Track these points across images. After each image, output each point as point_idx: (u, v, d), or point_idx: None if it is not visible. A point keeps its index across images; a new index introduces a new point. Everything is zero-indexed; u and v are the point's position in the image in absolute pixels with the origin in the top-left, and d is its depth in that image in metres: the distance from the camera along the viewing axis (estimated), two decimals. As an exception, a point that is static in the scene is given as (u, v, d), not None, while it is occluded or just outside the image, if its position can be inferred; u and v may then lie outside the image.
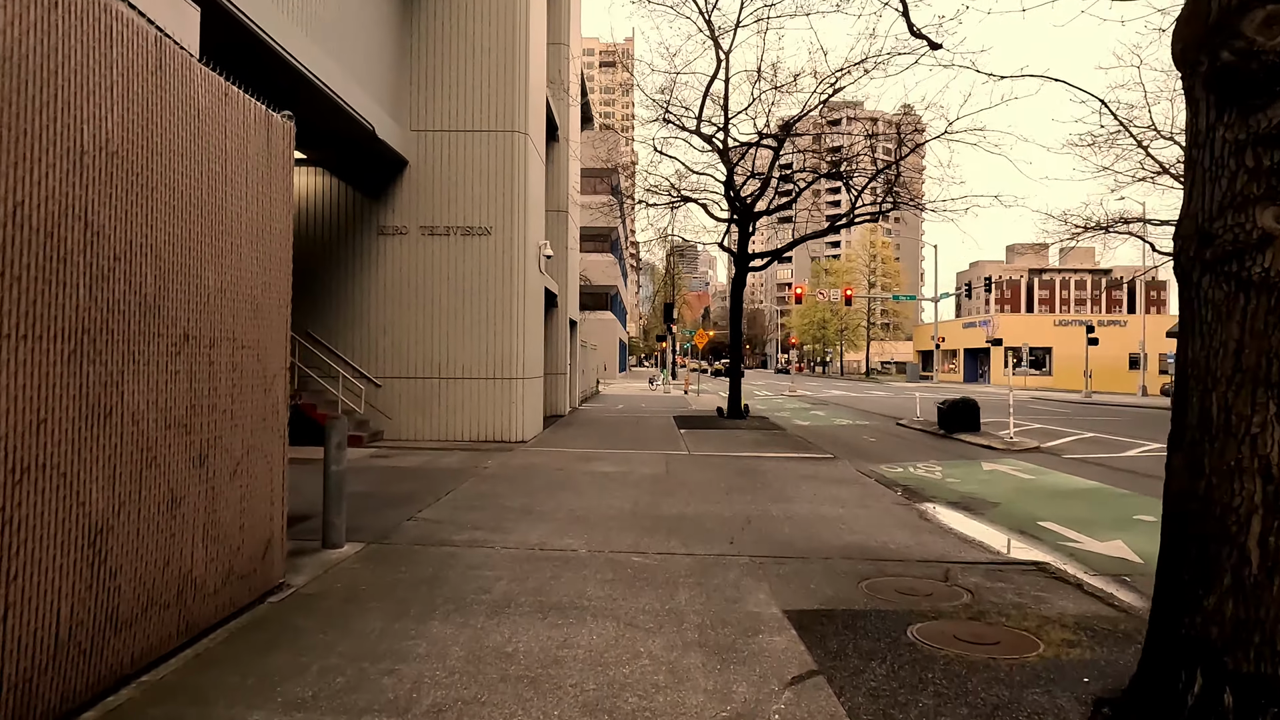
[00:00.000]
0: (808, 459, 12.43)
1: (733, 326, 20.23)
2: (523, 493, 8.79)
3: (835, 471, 11.22)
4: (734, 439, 15.04)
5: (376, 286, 13.97)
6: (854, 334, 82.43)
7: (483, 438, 13.83)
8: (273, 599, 4.75)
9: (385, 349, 13.94)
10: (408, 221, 13.96)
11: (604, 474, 10.31)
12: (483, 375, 13.86)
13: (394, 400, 13.89)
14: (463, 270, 13.89)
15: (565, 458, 11.93)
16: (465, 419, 13.85)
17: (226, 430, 4.22)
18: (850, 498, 9.08)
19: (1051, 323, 60.23)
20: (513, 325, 13.87)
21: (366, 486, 9.11)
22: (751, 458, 12.39)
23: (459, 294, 13.88)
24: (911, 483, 10.85)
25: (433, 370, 13.89)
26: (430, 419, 13.87)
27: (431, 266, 13.93)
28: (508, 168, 13.89)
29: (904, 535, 7.15)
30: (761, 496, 8.95)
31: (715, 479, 10.14)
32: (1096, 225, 29.95)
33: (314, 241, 14.06)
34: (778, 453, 13.03)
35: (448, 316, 13.88)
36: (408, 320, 13.91)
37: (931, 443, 15.84)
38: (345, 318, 13.97)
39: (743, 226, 19.45)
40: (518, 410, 13.88)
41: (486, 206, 13.90)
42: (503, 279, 13.87)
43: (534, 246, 14.80)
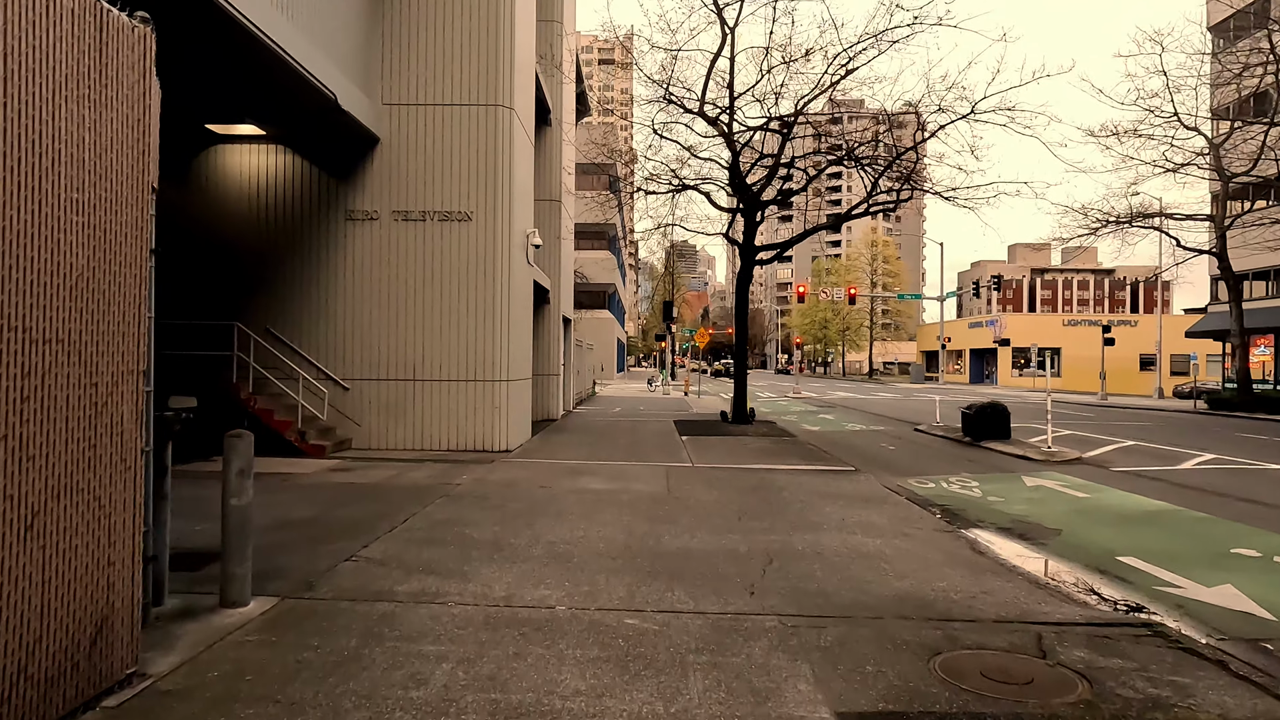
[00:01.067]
0: (826, 472, 11.02)
1: (738, 324, 18.81)
2: (496, 519, 7.37)
3: (860, 488, 9.81)
4: (741, 447, 13.63)
5: (344, 278, 12.55)
6: (856, 334, 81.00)
7: (462, 446, 12.41)
8: (108, 701, 3.32)
9: (354, 348, 12.52)
10: (379, 206, 12.54)
11: (595, 493, 8.89)
12: (462, 377, 12.45)
13: (363, 405, 12.47)
14: (440, 260, 12.47)
15: (552, 472, 10.51)
16: (442, 426, 12.43)
17: (8, 466, 2.80)
18: (885, 523, 7.68)
19: (1060, 322, 58.82)
20: (496, 321, 12.45)
21: (313, 509, 7.69)
22: (763, 471, 10.98)
23: (436, 286, 12.46)
24: (949, 502, 9.44)
25: (406, 371, 12.47)
26: (404, 426, 12.44)
27: (405, 256, 12.51)
28: (491, 146, 12.47)
29: (962, 577, 5.74)
30: (781, 523, 7.53)
31: (724, 499, 8.72)
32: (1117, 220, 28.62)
33: (273, 227, 12.63)
34: (791, 464, 11.63)
35: (424, 311, 12.46)
36: (379, 316, 12.49)
37: (958, 452, 14.43)
38: (309, 313, 12.55)
39: (749, 216, 18.03)
40: (501, 416, 12.46)
41: (467, 189, 12.48)
42: (485, 270, 12.45)
43: (520, 234, 13.39)
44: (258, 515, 7.33)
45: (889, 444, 15.82)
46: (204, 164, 12.65)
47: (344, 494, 8.61)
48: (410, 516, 7.37)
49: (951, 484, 10.85)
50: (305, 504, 7.95)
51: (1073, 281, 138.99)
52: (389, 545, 6.28)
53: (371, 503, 8.08)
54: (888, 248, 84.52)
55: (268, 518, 7.24)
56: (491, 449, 12.39)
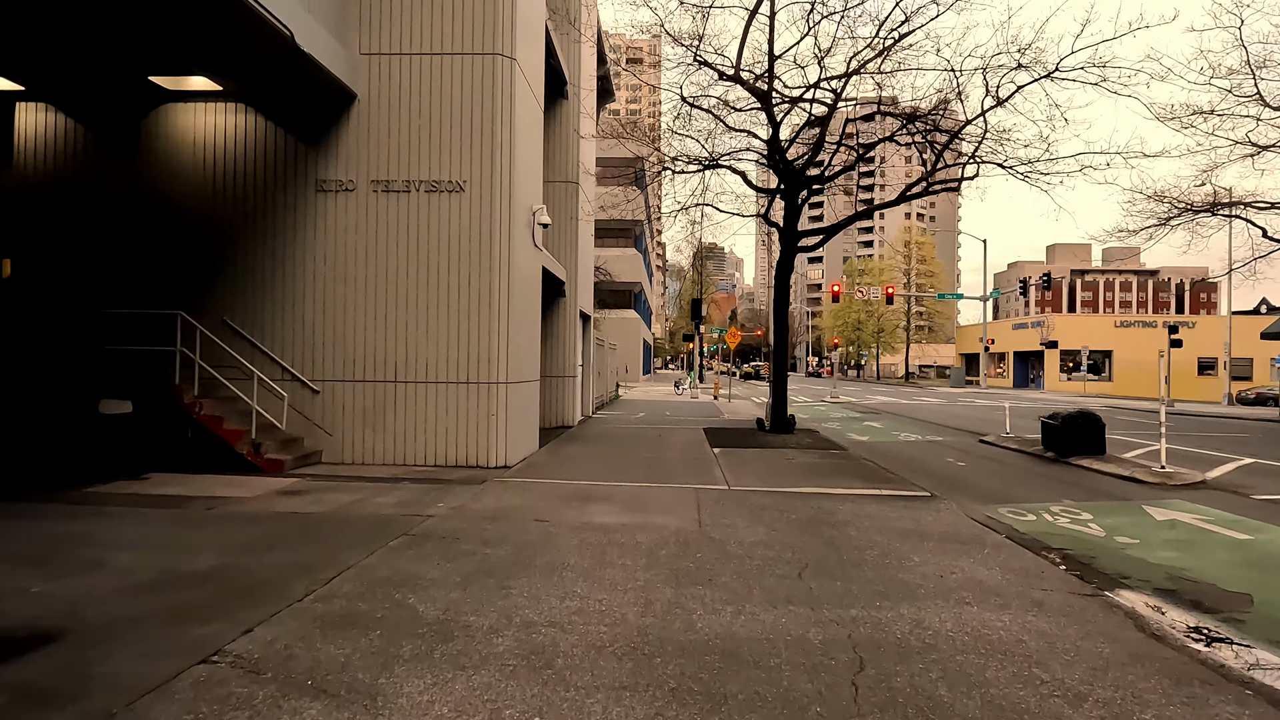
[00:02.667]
0: (896, 499, 8.83)
1: (776, 319, 16.62)
2: (461, 576, 5.31)
3: (944, 522, 7.62)
4: (785, 463, 11.46)
5: (314, 260, 10.62)
6: (890, 336, 78.00)
7: (451, 461, 10.41)
8: None
9: (325, 343, 10.58)
10: (356, 175, 10.59)
11: (604, 531, 6.81)
12: (453, 379, 10.45)
13: (336, 410, 10.52)
14: (428, 239, 10.50)
15: (555, 497, 8.45)
16: (429, 436, 10.44)
17: None
18: (999, 582, 5.52)
19: (1112, 324, 55.52)
20: (494, 312, 10.44)
21: (219, 556, 5.70)
22: (817, 496, 8.82)
23: (422, 270, 10.48)
24: (1067, 544, 7.20)
25: (387, 371, 10.51)
26: (384, 436, 10.48)
27: (386, 234, 10.55)
28: (488, 103, 10.46)
29: (1164, 694, 3.57)
30: (860, 583, 5.38)
31: (775, 540, 6.58)
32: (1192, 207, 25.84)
33: (232, 201, 10.75)
34: (850, 487, 9.45)
35: (407, 300, 10.49)
36: (355, 305, 10.55)
37: (1045, 471, 12.11)
38: (272, 301, 10.64)
39: (790, 196, 15.85)
40: (498, 425, 10.44)
41: (460, 155, 10.49)
42: (481, 250, 10.44)
43: (524, 210, 11.37)
44: (139, 565, 5.39)
45: (955, 459, 13.52)
46: (152, 127, 10.81)
47: (277, 530, 6.62)
48: (343, 571, 5.34)
49: (1056, 516, 8.59)
50: (216, 546, 5.97)
51: (1114, 283, 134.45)
52: (285, 628, 4.23)
53: (305, 546, 6.08)
54: (924, 246, 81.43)
55: (150, 569, 5.28)
56: (486, 464, 10.37)
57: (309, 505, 7.63)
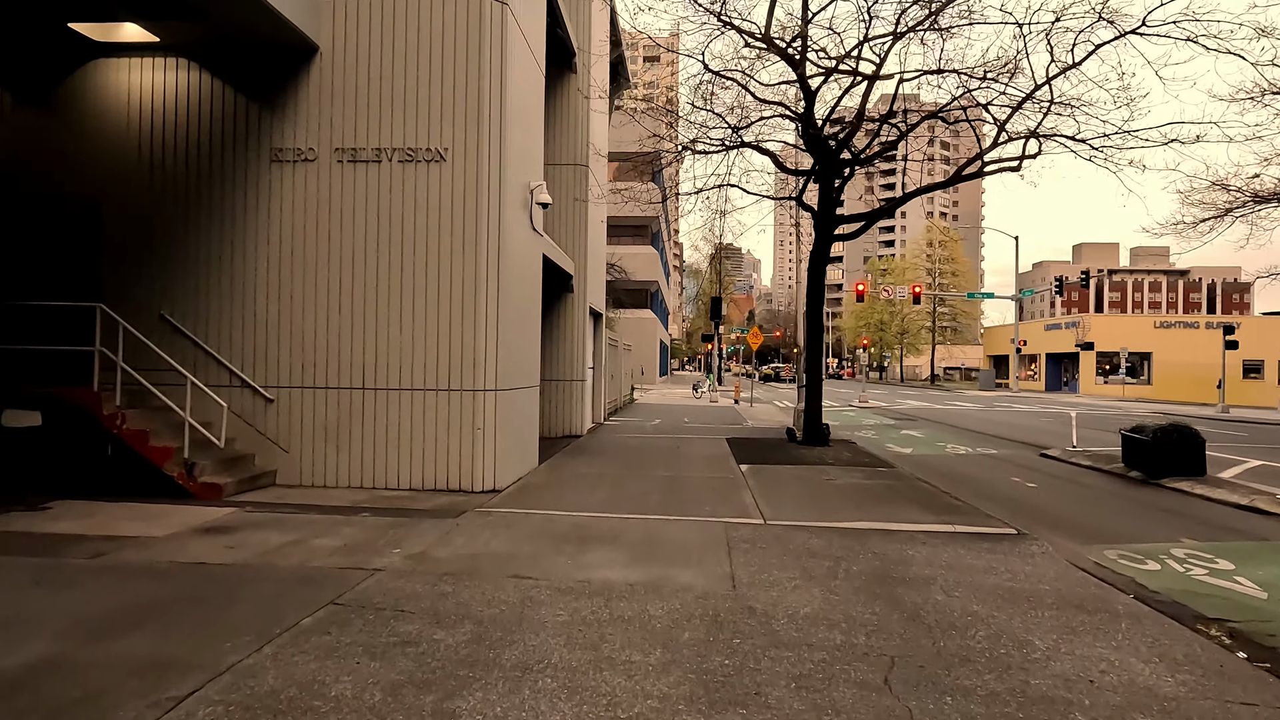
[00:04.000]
0: (974, 537, 7.01)
1: (809, 316, 14.79)
2: (379, 694, 3.56)
3: (1047, 574, 5.81)
4: (827, 486, 9.66)
5: (268, 244, 8.96)
6: (915, 337, 75.57)
7: (429, 484, 8.70)
8: None
9: (281, 343, 8.92)
10: (317, 142, 8.93)
11: (604, 595, 5.05)
12: (431, 385, 8.74)
13: (294, 423, 8.85)
14: (402, 218, 8.81)
15: (545, 535, 6.70)
16: (403, 454, 8.74)
17: None
18: (1180, 693, 3.74)
19: (1152, 324, 52.91)
20: (481, 306, 8.73)
21: (56, 641, 4.01)
22: (875, 534, 7.02)
23: (396, 255, 8.80)
24: (1223, 611, 5.35)
25: (354, 377, 8.82)
26: (349, 454, 8.79)
27: (353, 212, 8.87)
28: (474, 55, 8.76)
29: None
30: (982, 701, 3.59)
31: (839, 615, 4.80)
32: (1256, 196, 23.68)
33: (171, 174, 9.11)
34: (914, 520, 7.63)
35: (378, 291, 8.81)
36: (316, 297, 8.88)
37: (1136, 496, 10.21)
38: (219, 293, 8.99)
39: (826, 178, 14.03)
40: (486, 440, 8.72)
41: (440, 117, 8.79)
42: (465, 232, 8.74)
43: (519, 187, 9.65)
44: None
45: (1021, 478, 11.64)
46: (77, 86, 9.20)
47: (163, 593, 4.93)
48: (210, 681, 3.61)
49: (1186, 564, 6.73)
50: (63, 621, 4.28)
51: (1143, 283, 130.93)
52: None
53: (183, 623, 4.37)
54: (953, 245, 78.99)
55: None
56: (471, 488, 8.65)
57: (226, 551, 5.93)
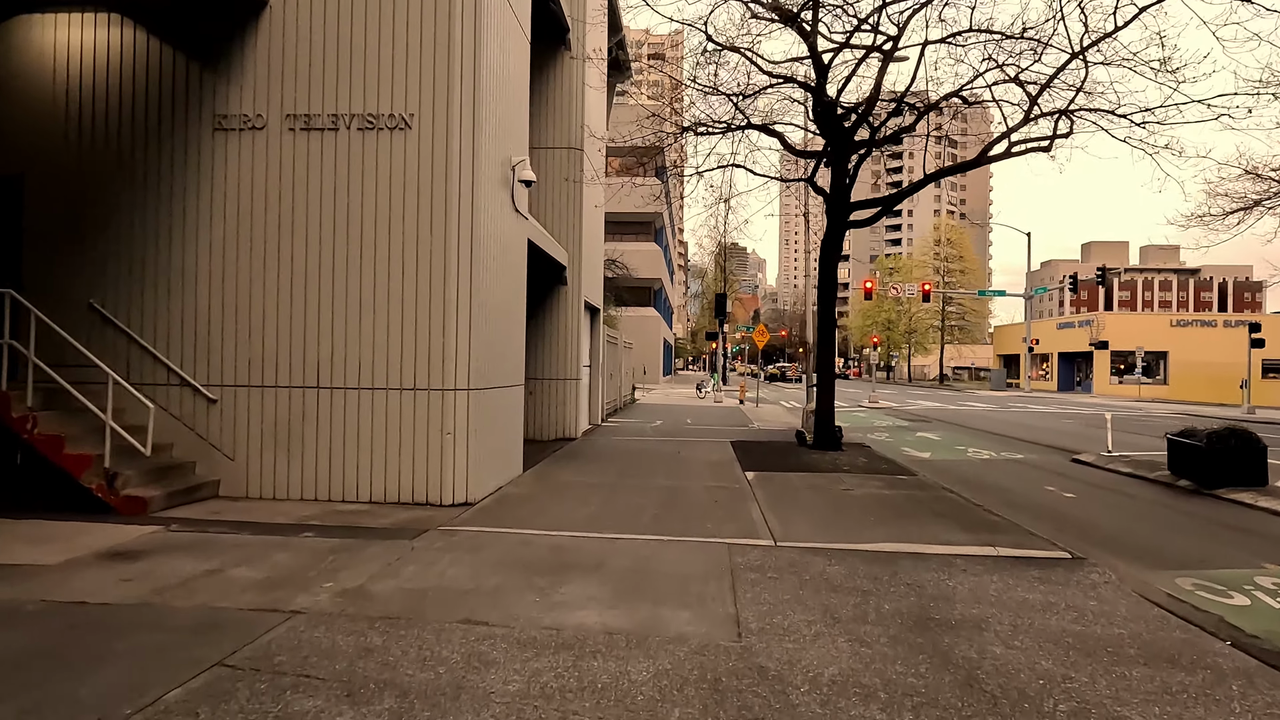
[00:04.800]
0: (1022, 562, 5.92)
1: (820, 310, 13.70)
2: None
3: (1117, 613, 4.73)
4: (844, 497, 8.57)
5: (210, 224, 7.92)
6: (923, 336, 74.30)
7: (393, 496, 7.64)
8: None
9: (225, 336, 7.88)
10: (266, 107, 7.87)
11: (574, 652, 3.97)
12: (395, 384, 7.68)
13: (240, 426, 7.81)
14: (361, 193, 7.75)
15: (514, 564, 5.63)
16: (362, 462, 7.68)
17: None
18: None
19: (1168, 323, 51.57)
20: (450, 295, 7.66)
21: None
22: (908, 559, 5.94)
23: (354, 236, 7.74)
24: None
25: (307, 374, 7.77)
26: (302, 461, 7.73)
27: (306, 186, 7.82)
28: (444, 6, 7.69)
29: None
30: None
31: (874, 678, 3.70)
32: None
33: (101, 144, 8.06)
34: (949, 540, 6.54)
35: (334, 276, 7.76)
36: (265, 283, 7.83)
37: (1192, 509, 9.09)
38: (155, 281, 7.95)
39: (838, 160, 12.94)
40: (456, 446, 7.65)
41: (405, 78, 7.73)
42: (434, 209, 7.68)
43: (497, 162, 8.58)
44: None
45: (1057, 486, 10.53)
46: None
47: (18, 647, 3.88)
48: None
49: (1273, 595, 5.64)
50: None
51: (1153, 282, 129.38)
52: None
53: (12, 697, 3.32)
54: (959, 241, 77.65)
55: None
56: (438, 500, 7.59)
57: (119, 586, 4.87)
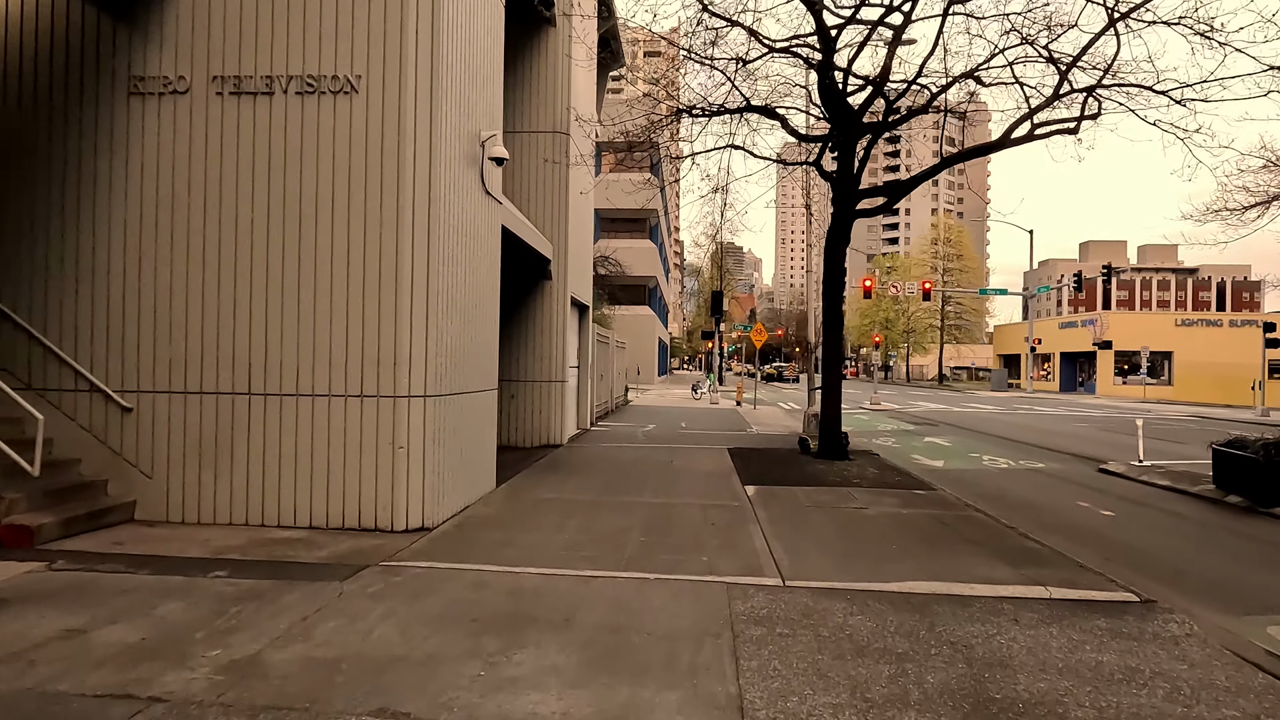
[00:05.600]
0: (1079, 604, 4.86)
1: (826, 305, 12.64)
2: None
3: (1221, 681, 3.66)
4: (859, 519, 7.50)
5: (125, 204, 6.82)
6: (922, 335, 73.40)
7: (336, 521, 6.55)
8: None
9: (143, 334, 6.78)
10: (189, 68, 6.78)
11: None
12: (339, 390, 6.60)
13: (160, 439, 6.71)
14: (300, 167, 6.66)
15: (459, 619, 4.54)
16: (302, 482, 6.59)
17: None
18: None
19: (1173, 323, 50.66)
20: (404, 286, 6.58)
21: None
22: (943, 603, 4.87)
23: (292, 218, 6.65)
24: None
25: (237, 379, 6.68)
26: (231, 480, 6.64)
27: (236, 160, 6.72)
28: (395, -46, 6.61)
29: None
30: None
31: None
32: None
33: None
34: (988, 578, 5.47)
35: (268, 266, 6.66)
36: (188, 275, 6.73)
37: (1251, 530, 8.04)
38: (58, 270, 6.84)
39: (845, 143, 11.89)
40: (411, 462, 6.56)
41: (351, 34, 6.64)
42: (384, 186, 6.59)
43: (462, 133, 7.49)
44: None
45: (1090, 502, 9.48)
46: (-125, -7, 7.05)
47: None
48: None
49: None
50: None
51: (1151, 281, 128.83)
52: None
53: None
54: (958, 241, 76.72)
55: None
56: (389, 526, 6.50)
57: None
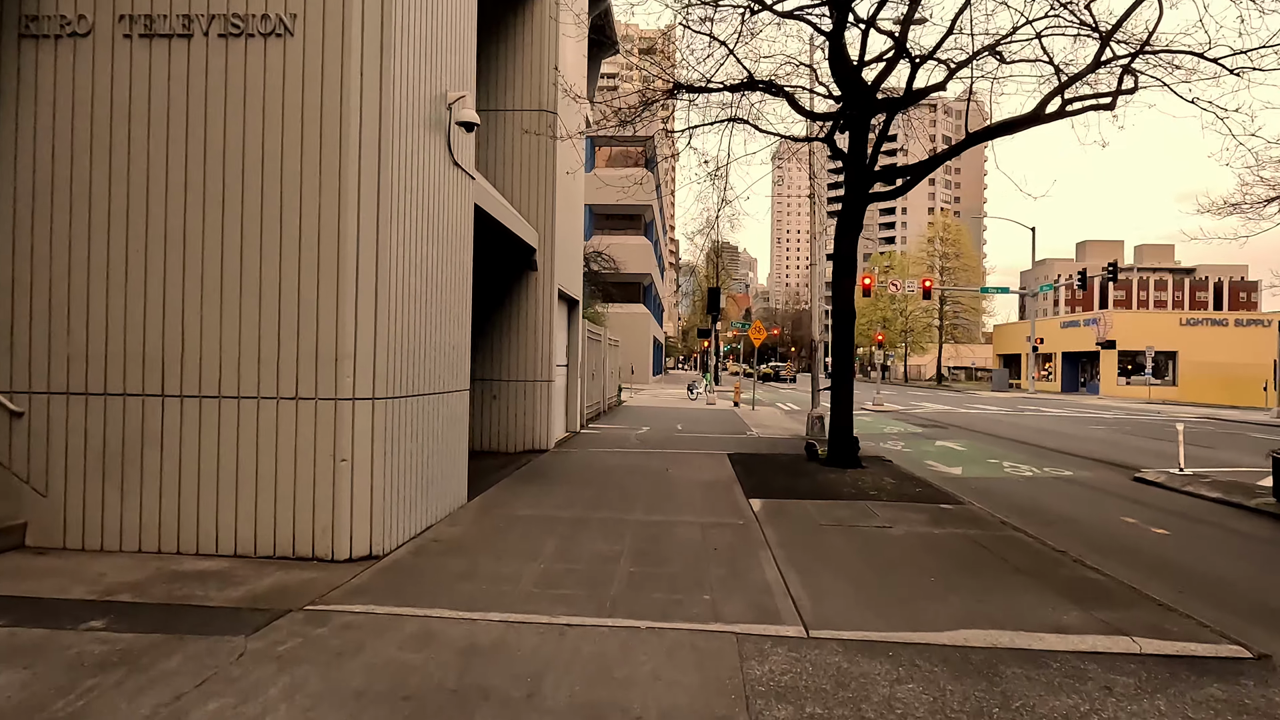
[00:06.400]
0: (1182, 663, 3.81)
1: (836, 298, 11.58)
2: None
3: None
4: (884, 541, 6.45)
5: (15, 167, 5.71)
6: (920, 335, 72.48)
7: (266, 549, 5.46)
8: None
9: (36, 324, 5.68)
10: (91, 6, 5.67)
11: None
12: (268, 391, 5.51)
13: (56, 449, 5.61)
14: (225, 124, 5.57)
15: (389, 692, 3.45)
16: (224, 501, 5.51)
17: None
18: None
19: (1177, 322, 49.79)
20: (347, 264, 5.50)
21: None
22: (1009, 659, 3.81)
23: (214, 185, 5.56)
24: None
25: (149, 377, 5.59)
26: (141, 498, 5.55)
27: (148, 115, 5.63)
28: None
29: None
30: None
31: None
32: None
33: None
34: (1056, 626, 4.42)
35: (185, 242, 5.57)
36: (92, 253, 5.64)
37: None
38: (-63, 244, 5.75)
39: (859, 120, 10.84)
40: (356, 478, 5.48)
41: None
42: (323, 149, 5.51)
43: (423, 92, 6.41)
44: None
45: (1137, 517, 8.44)
46: None
47: None
48: None
49: None
50: None
51: (1149, 281, 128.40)
52: None
53: None
54: (956, 239, 75.81)
55: None
56: (328, 554, 5.42)
57: None
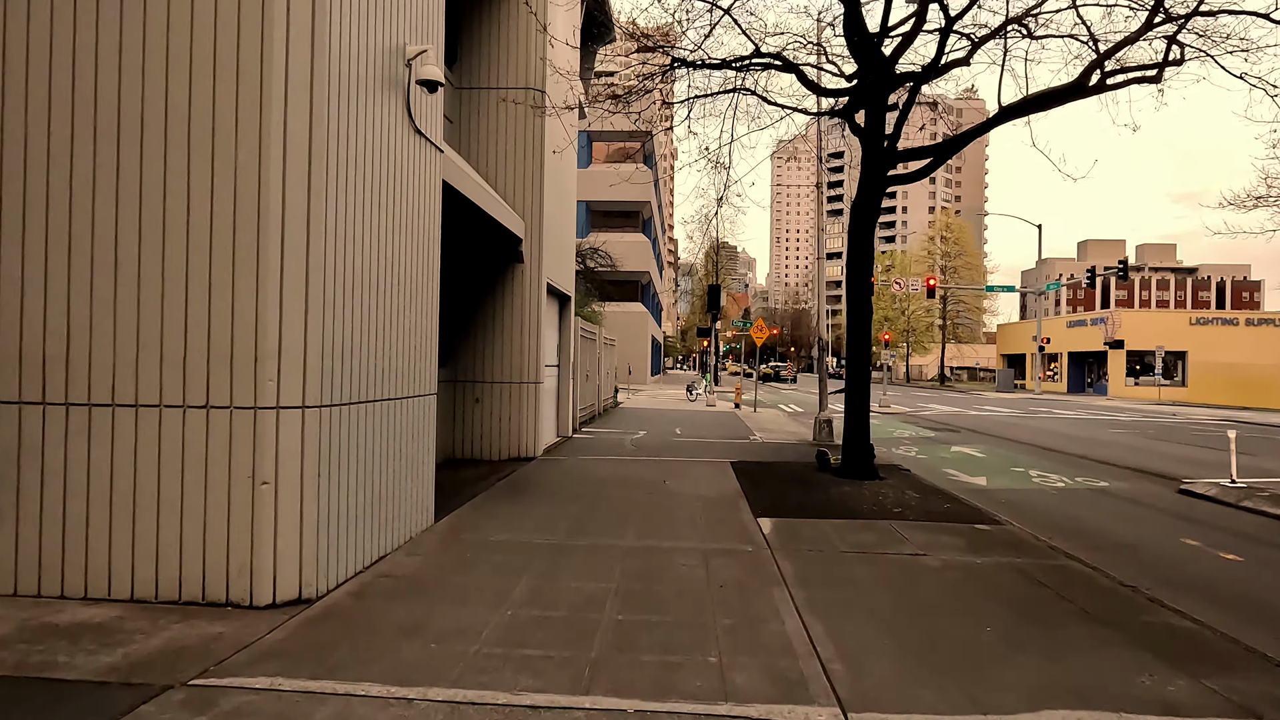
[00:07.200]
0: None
1: (852, 290, 10.52)
2: None
3: None
4: (922, 575, 5.42)
5: None
6: (923, 335, 71.52)
7: (170, 592, 4.42)
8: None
9: (-114, 313, 4.65)
10: (-45, -78, 4.66)
11: None
12: (173, 399, 4.48)
13: (-88, 469, 4.58)
14: (121, 70, 4.54)
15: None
16: (120, 531, 4.47)
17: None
18: None
19: (1186, 321, 48.72)
20: (270, 245, 4.46)
21: None
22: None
23: (106, 145, 4.53)
24: None
25: (27, 382, 4.55)
26: (16, 529, 4.51)
27: (26, 56, 4.59)
28: None
29: None
30: None
31: None
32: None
33: None
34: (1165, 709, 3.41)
35: (73, 215, 4.54)
36: (-44, 226, 4.61)
37: None
38: None
39: (876, 96, 9.81)
40: (282, 505, 4.44)
41: (196, -122, 4.53)
42: (241, 100, 4.48)
43: (375, 42, 5.37)
44: None
45: (1199, 539, 7.41)
46: None
47: None
48: None
49: None
50: None
51: (1151, 280, 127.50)
52: None
53: None
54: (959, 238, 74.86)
55: None
56: (245, 599, 4.38)
57: None
